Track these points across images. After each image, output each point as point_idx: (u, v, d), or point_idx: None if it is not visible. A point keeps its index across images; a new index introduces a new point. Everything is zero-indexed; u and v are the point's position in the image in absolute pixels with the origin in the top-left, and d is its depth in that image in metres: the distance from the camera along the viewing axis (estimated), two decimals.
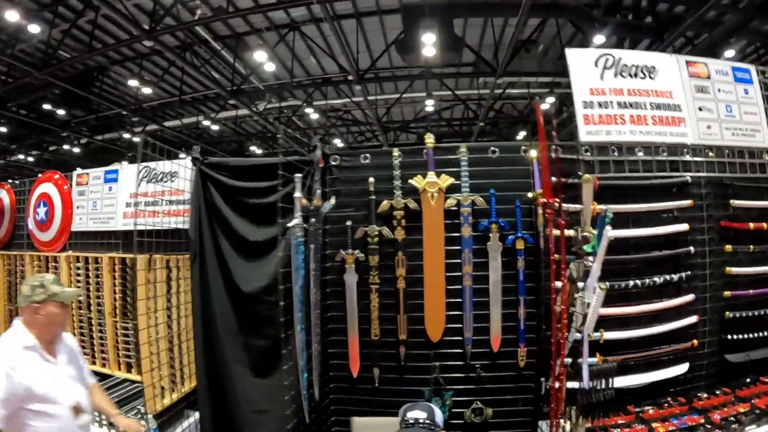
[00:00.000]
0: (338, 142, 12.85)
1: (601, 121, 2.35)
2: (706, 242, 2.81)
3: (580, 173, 2.38)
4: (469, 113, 10.72)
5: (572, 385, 2.31)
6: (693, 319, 2.76)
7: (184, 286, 2.97)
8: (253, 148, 13.12)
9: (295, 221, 2.26)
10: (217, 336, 2.59)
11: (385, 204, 2.59)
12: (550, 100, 8.95)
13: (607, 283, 2.30)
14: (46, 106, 9.35)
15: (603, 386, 2.36)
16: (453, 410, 2.58)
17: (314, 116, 10.93)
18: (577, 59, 2.39)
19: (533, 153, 2.58)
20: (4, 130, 9.97)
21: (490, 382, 2.62)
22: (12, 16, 6.41)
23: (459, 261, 2.59)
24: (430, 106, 9.99)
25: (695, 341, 2.75)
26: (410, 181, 2.60)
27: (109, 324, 3.33)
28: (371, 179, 2.62)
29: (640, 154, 2.77)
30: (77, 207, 3.78)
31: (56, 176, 4.00)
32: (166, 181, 3.05)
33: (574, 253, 2.35)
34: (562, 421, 2.32)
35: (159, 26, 6.98)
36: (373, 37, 8.87)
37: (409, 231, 2.61)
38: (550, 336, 2.56)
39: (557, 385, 2.30)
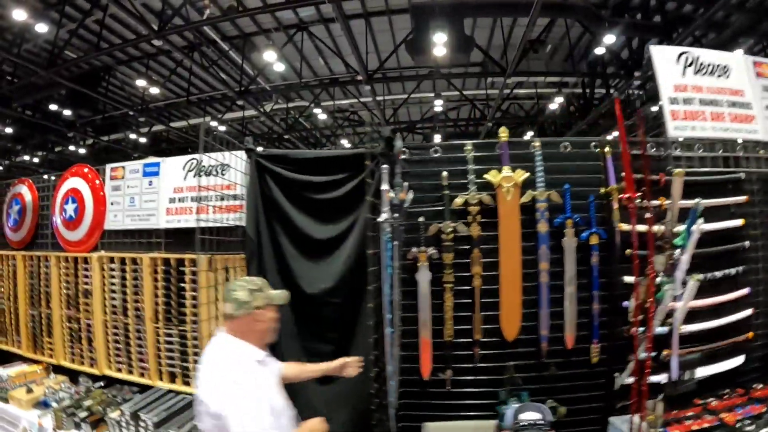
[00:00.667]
0: (345, 143, 12.77)
1: (686, 117, 2.32)
2: (759, 237, 2.84)
3: (669, 168, 2.35)
4: (475, 113, 10.68)
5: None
6: (748, 312, 2.80)
7: None
8: (259, 149, 12.92)
9: (384, 216, 2.11)
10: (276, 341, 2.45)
11: (459, 199, 2.48)
12: (559, 99, 9.02)
13: (701, 275, 2.32)
14: (52, 107, 9.14)
15: (687, 377, 2.36)
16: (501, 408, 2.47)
17: (322, 117, 10.81)
18: (661, 56, 2.35)
19: (607, 148, 2.56)
20: (9, 130, 9.67)
21: (563, 379, 2.53)
22: (19, 15, 6.21)
23: (533, 257, 2.49)
24: (438, 106, 9.93)
25: (751, 333, 2.77)
26: (485, 176, 2.49)
27: (150, 331, 3.04)
28: (444, 173, 2.50)
29: (700, 151, 2.79)
30: (111, 203, 3.47)
31: (86, 170, 3.66)
32: (216, 175, 2.82)
33: (659, 247, 2.34)
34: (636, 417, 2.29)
35: (167, 26, 6.79)
36: (382, 37, 8.77)
37: (484, 227, 2.49)
38: (623, 331, 2.55)
39: (636, 378, 2.27)
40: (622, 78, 7.51)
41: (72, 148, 11.59)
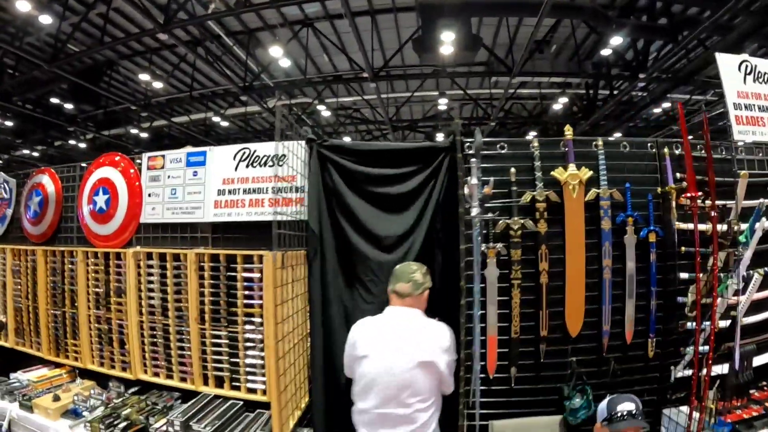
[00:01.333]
0: (347, 140, 12.66)
1: (748, 122, 2.38)
2: None
3: (735, 170, 2.43)
4: (478, 112, 10.71)
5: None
6: None
7: (296, 288, 2.49)
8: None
9: (475, 211, 2.08)
10: (339, 345, 2.23)
11: (527, 195, 2.45)
12: (563, 100, 9.09)
13: (765, 269, 2.42)
14: (54, 100, 8.96)
15: (745, 368, 2.45)
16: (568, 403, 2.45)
17: (326, 114, 10.68)
18: (725, 63, 2.41)
19: (666, 149, 2.62)
20: (10, 124, 9.52)
21: (622, 373, 2.54)
22: (23, 6, 5.99)
23: (595, 254, 2.49)
24: (443, 104, 9.91)
25: None
26: (552, 173, 2.47)
27: (194, 332, 2.78)
28: (513, 169, 2.47)
29: (760, 154, 2.82)
30: (149, 195, 3.17)
31: (117, 158, 3.33)
32: (271, 165, 2.71)
33: (720, 244, 2.42)
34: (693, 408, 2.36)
35: (174, 20, 6.62)
36: (387, 35, 8.70)
37: (550, 224, 2.47)
38: (678, 326, 2.62)
39: (698, 371, 2.34)
40: (627, 79, 7.56)
41: (72, 142, 11.43)
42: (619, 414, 1.75)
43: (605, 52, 7.21)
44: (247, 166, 2.81)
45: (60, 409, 2.87)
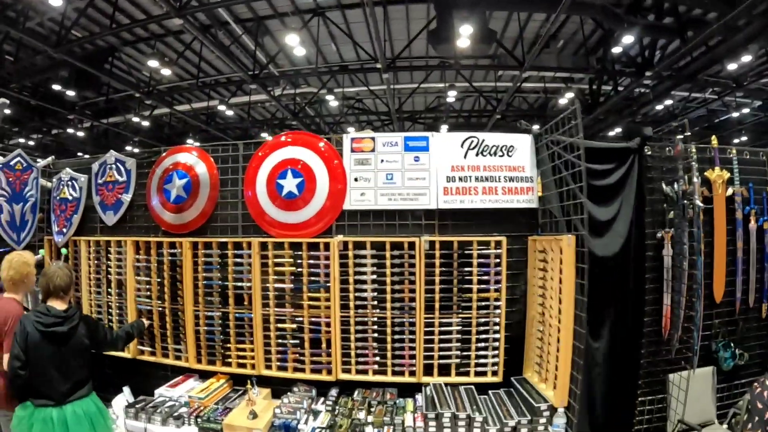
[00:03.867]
0: (351, 130, 12.49)
1: None
2: None
3: None
4: (480, 104, 11.15)
5: None
6: None
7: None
8: (264, 135, 12.10)
9: (698, 203, 2.62)
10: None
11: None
12: (569, 95, 9.50)
13: None
14: (55, 87, 8.44)
15: None
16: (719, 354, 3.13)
17: (334, 104, 10.49)
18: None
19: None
20: (7, 111, 8.44)
21: (747, 331, 3.25)
22: None
23: (731, 238, 3.15)
24: (451, 97, 10.18)
25: None
26: (705, 173, 3.06)
27: (420, 321, 2.80)
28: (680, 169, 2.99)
29: None
30: (355, 179, 2.95)
31: (311, 138, 3.01)
32: (501, 155, 2.85)
33: None
34: None
35: (188, 4, 6.42)
36: (396, 25, 8.80)
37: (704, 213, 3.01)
38: None
39: None
40: (633, 76, 7.90)
41: (70, 131, 10.82)
42: None
43: (616, 49, 7.59)
44: (477, 154, 2.86)
45: (267, 426, 2.65)
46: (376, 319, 2.93)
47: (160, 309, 3.30)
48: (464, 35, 7.25)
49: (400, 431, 2.58)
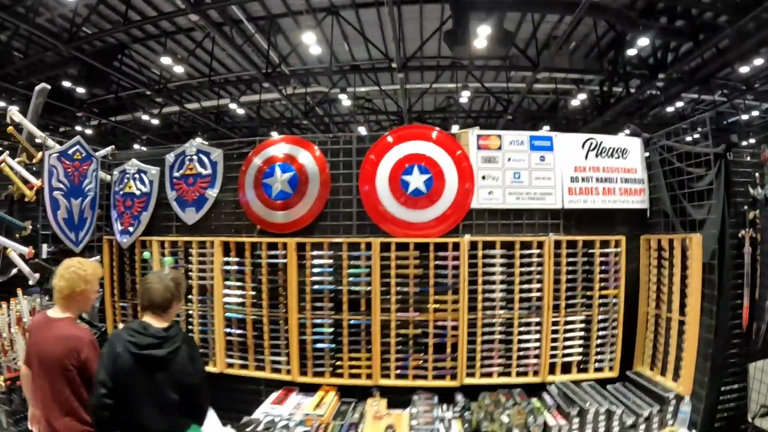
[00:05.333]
0: (362, 130, 12.27)
1: None
2: None
3: None
4: (489, 104, 11.21)
5: None
6: None
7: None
8: (273, 134, 11.67)
9: None
10: None
11: None
12: (582, 96, 9.71)
13: None
14: (65, 84, 8.44)
15: None
16: None
17: (346, 103, 10.28)
18: None
19: None
20: (16, 108, 8.19)
21: None
22: None
23: None
24: (465, 97, 10.21)
25: None
26: None
27: (547, 321, 2.78)
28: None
29: None
30: (482, 177, 2.86)
31: (435, 133, 2.87)
32: (617, 157, 2.88)
33: None
34: None
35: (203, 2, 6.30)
36: (409, 26, 8.71)
37: None
38: None
39: None
40: (646, 79, 8.08)
41: (79, 128, 10.58)
42: None
43: (631, 52, 7.78)
44: (596, 155, 2.89)
45: None
46: (503, 320, 2.85)
47: (255, 317, 3.00)
48: (482, 36, 7.30)
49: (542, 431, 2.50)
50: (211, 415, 2.72)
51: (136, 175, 3.21)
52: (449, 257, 2.81)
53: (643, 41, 7.00)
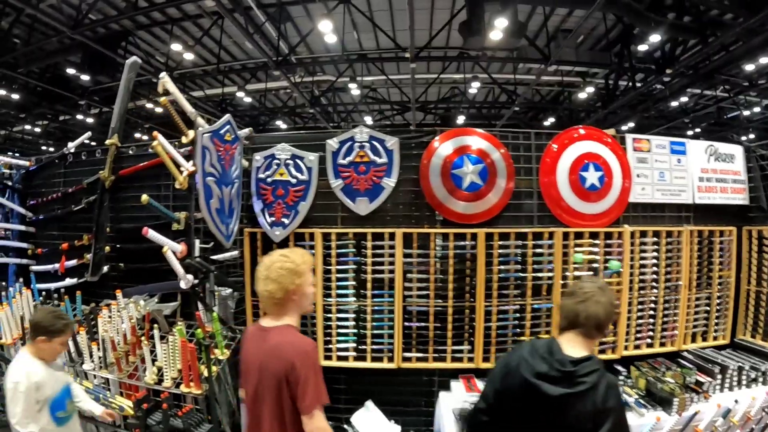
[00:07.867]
0: (368, 120, 11.81)
1: None
2: None
3: None
4: (494, 95, 11.37)
5: None
6: None
7: None
8: (278, 123, 10.69)
9: None
10: None
11: None
12: (590, 89, 9.93)
13: None
14: (70, 71, 8.33)
15: None
16: None
17: (356, 92, 9.91)
18: None
19: None
20: (16, 96, 8.86)
21: None
22: None
23: None
24: (474, 88, 10.44)
25: None
26: None
27: (684, 298, 3.34)
28: None
29: None
30: (637, 176, 3.38)
31: (606, 138, 3.35)
32: (728, 162, 3.58)
33: None
34: None
35: None
36: (419, 15, 8.67)
37: None
38: None
39: None
40: (652, 73, 8.19)
41: (80, 117, 10.40)
42: None
43: (642, 47, 7.98)
44: (714, 159, 3.57)
45: None
46: (653, 297, 3.39)
47: (439, 308, 3.04)
48: (498, 28, 7.37)
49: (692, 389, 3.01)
50: (371, 406, 2.70)
51: (290, 161, 2.99)
52: (614, 245, 3.30)
53: (654, 37, 7.22)
